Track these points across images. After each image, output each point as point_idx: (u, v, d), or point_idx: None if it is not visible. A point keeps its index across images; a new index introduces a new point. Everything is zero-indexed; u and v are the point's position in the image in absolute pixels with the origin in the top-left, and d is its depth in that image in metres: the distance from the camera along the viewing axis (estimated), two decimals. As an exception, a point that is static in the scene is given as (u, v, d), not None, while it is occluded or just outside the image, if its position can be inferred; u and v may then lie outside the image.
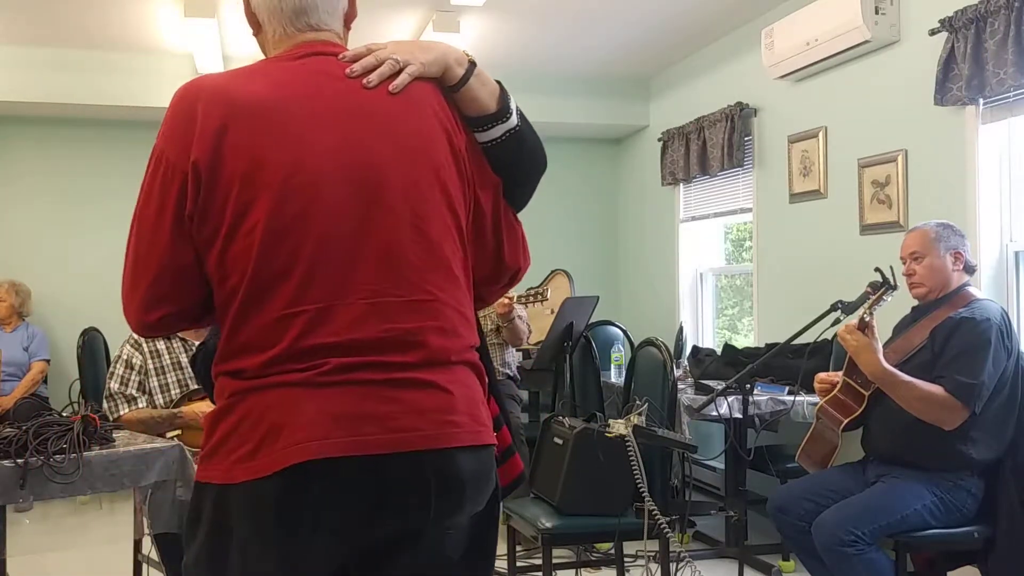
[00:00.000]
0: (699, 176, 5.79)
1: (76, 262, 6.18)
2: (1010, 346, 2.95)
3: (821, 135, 4.70)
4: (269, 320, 1.34)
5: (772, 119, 5.17)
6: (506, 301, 4.48)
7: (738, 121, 5.29)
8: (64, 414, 2.85)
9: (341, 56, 1.47)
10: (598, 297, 4.71)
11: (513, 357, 4.97)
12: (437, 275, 1.41)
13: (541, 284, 6.04)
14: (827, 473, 3.19)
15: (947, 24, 3.68)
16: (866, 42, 4.17)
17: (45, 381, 5.74)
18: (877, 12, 4.10)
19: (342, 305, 1.34)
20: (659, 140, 6.32)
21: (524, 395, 5.43)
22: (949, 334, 2.94)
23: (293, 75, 1.44)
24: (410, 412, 1.34)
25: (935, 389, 2.87)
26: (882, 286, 3.02)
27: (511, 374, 4.88)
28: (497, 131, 1.52)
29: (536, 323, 5.32)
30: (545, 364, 4.86)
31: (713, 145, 5.51)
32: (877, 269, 3.06)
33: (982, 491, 2.96)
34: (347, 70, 1.44)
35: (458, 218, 1.47)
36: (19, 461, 2.54)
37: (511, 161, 1.55)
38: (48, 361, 5.79)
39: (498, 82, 1.56)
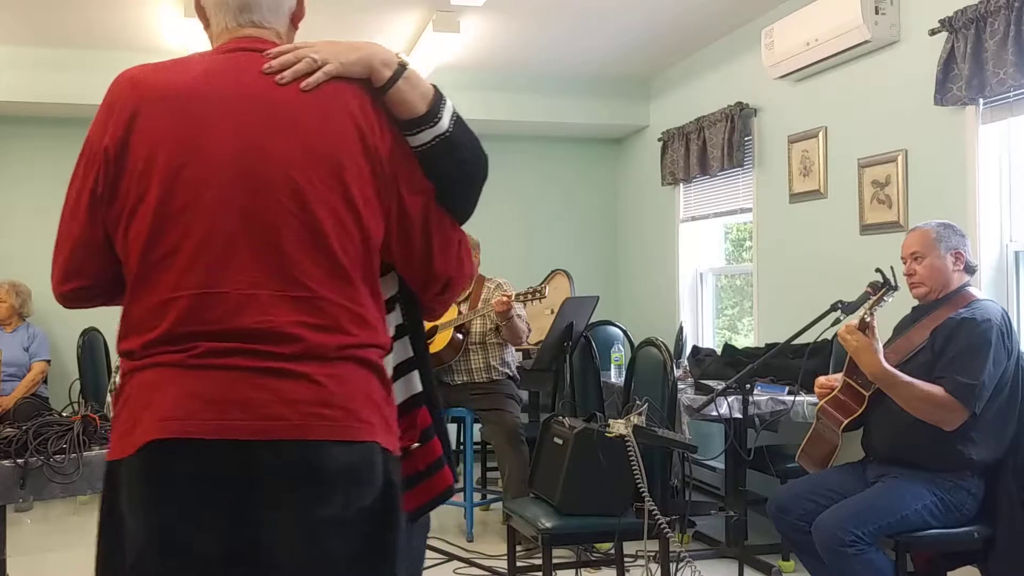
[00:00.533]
0: (699, 176, 5.79)
1: (76, 262, 6.17)
2: (1010, 347, 2.94)
3: (821, 135, 4.70)
4: (153, 303, 1.41)
5: (772, 119, 5.17)
6: (504, 299, 4.48)
7: (738, 121, 5.29)
8: (64, 414, 2.85)
9: (266, 53, 1.50)
10: (598, 297, 4.71)
11: (513, 357, 4.97)
12: (323, 273, 1.42)
13: (541, 284, 6.04)
14: (827, 473, 3.19)
15: (947, 24, 3.68)
16: (866, 42, 4.17)
17: (45, 381, 5.75)
18: (877, 12, 4.10)
19: (219, 294, 1.39)
20: (659, 140, 6.32)
21: (524, 395, 5.43)
22: (950, 334, 2.94)
23: (213, 68, 1.50)
24: (278, 401, 1.36)
25: (935, 389, 2.87)
26: (883, 286, 3.02)
27: (511, 374, 4.88)
28: (426, 135, 1.51)
29: (536, 323, 5.32)
30: (545, 364, 4.86)
31: (713, 145, 5.51)
32: (878, 269, 3.06)
33: (982, 491, 2.96)
34: (264, 66, 1.47)
35: (360, 219, 1.45)
36: (19, 461, 2.54)
37: (442, 168, 1.53)
38: (49, 362, 5.79)
39: (435, 87, 1.55)
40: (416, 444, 1.61)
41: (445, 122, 1.52)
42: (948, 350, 2.92)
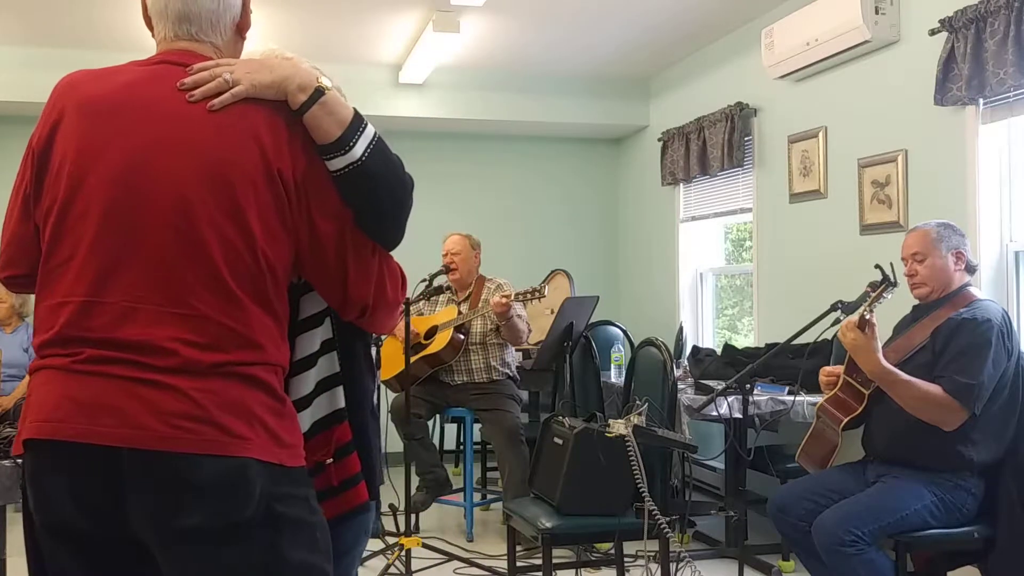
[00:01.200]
0: (699, 176, 5.79)
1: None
2: (1011, 347, 2.94)
3: (821, 135, 4.70)
4: (50, 305, 1.47)
5: (772, 119, 5.17)
6: (503, 301, 4.48)
7: (738, 121, 5.29)
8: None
9: (188, 68, 1.51)
10: (598, 297, 4.71)
11: (513, 357, 4.97)
12: (207, 292, 1.43)
13: (541, 284, 6.04)
14: (827, 473, 3.19)
15: (947, 24, 3.68)
16: (866, 42, 4.17)
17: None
18: (877, 12, 4.10)
19: (104, 303, 1.43)
20: (659, 140, 6.32)
21: (524, 395, 5.43)
22: (950, 334, 2.94)
23: (136, 79, 1.53)
24: (149, 412, 1.38)
25: (934, 389, 2.87)
26: (882, 283, 3.02)
27: (511, 374, 4.88)
28: (338, 162, 1.50)
29: (536, 323, 5.32)
30: (545, 364, 4.86)
31: (713, 145, 5.51)
32: (877, 266, 3.06)
33: (982, 491, 2.96)
34: (178, 83, 1.49)
35: (254, 241, 1.45)
36: (19, 461, 2.54)
37: (357, 196, 1.53)
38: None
39: (356, 113, 1.54)
40: (330, 460, 1.63)
41: (358, 151, 1.51)
42: (948, 350, 2.92)
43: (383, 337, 4.80)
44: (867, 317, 2.95)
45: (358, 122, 1.53)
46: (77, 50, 5.71)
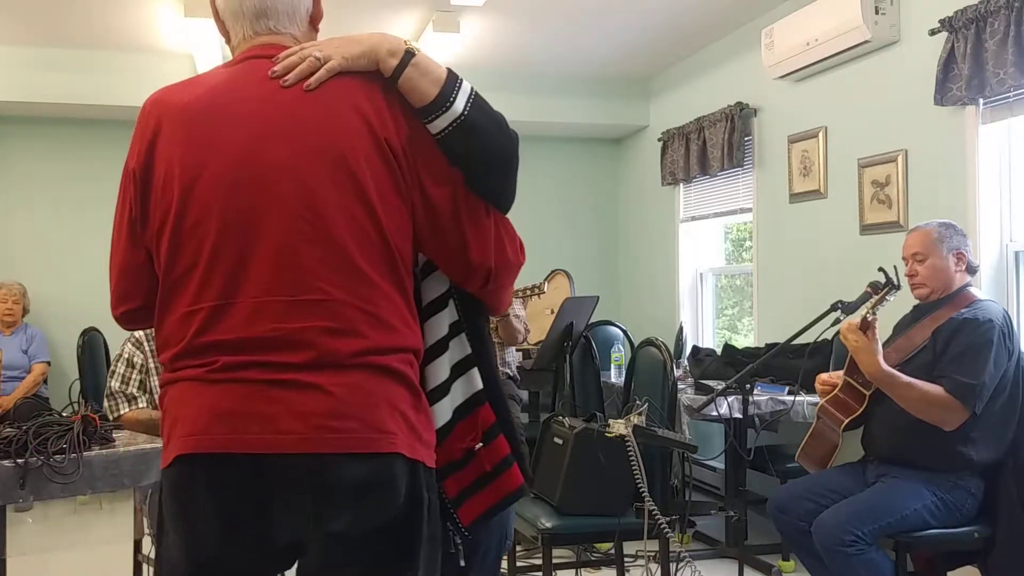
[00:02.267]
0: (699, 176, 5.79)
1: (76, 262, 6.18)
2: (1011, 347, 2.94)
3: (821, 135, 4.70)
4: (176, 317, 1.43)
5: (772, 119, 5.17)
6: None
7: (738, 121, 5.29)
8: (64, 414, 2.85)
9: (275, 58, 1.48)
10: (598, 297, 4.71)
11: (513, 357, 4.96)
12: (336, 274, 1.39)
13: (540, 282, 6.04)
14: (827, 473, 3.19)
15: (947, 24, 3.68)
16: (866, 42, 4.17)
17: (45, 382, 5.75)
18: (877, 12, 4.10)
19: (234, 304, 1.39)
20: (659, 140, 6.32)
21: (524, 395, 5.42)
22: (951, 335, 2.93)
23: (224, 80, 1.50)
24: (290, 414, 1.34)
25: (935, 389, 2.87)
26: (885, 286, 3.01)
27: (511, 374, 4.87)
28: (441, 122, 1.46)
29: (536, 323, 5.31)
30: (545, 364, 4.86)
31: (713, 145, 5.51)
32: (880, 269, 3.06)
33: (982, 491, 2.96)
34: (269, 71, 1.46)
35: (375, 214, 1.41)
36: (19, 461, 2.54)
37: (463, 153, 1.48)
38: (48, 363, 5.79)
39: (449, 71, 1.50)
40: (479, 445, 1.56)
41: (459, 105, 1.47)
42: (949, 350, 2.92)
43: None
44: (869, 319, 2.95)
45: (454, 79, 1.49)
46: (77, 50, 5.72)
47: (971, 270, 3.09)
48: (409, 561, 1.41)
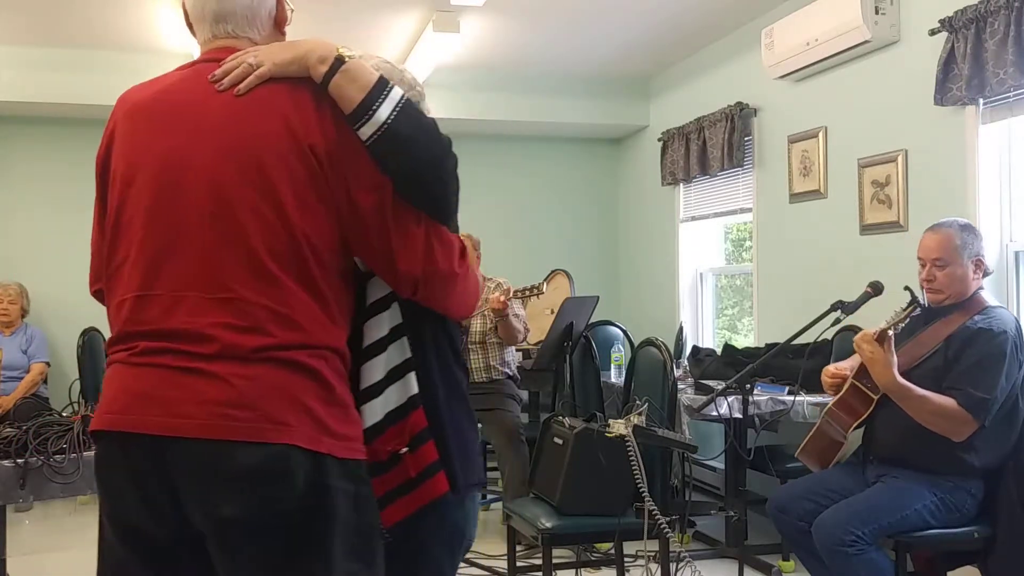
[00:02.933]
0: (699, 176, 5.79)
1: (76, 262, 6.10)
2: (1022, 359, 2.92)
3: (821, 135, 4.70)
4: (114, 304, 1.54)
5: (772, 119, 5.17)
6: (501, 299, 4.47)
7: (738, 121, 5.29)
8: (64, 414, 2.85)
9: (221, 61, 1.53)
10: (598, 297, 4.71)
11: (513, 357, 4.96)
12: (247, 274, 1.44)
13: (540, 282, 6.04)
14: (827, 473, 3.19)
15: (947, 24, 3.68)
16: (866, 42, 4.17)
17: (45, 382, 5.75)
18: (877, 12, 4.10)
19: (153, 296, 1.47)
20: (659, 140, 6.32)
21: (524, 395, 5.43)
22: (964, 343, 2.91)
23: (176, 81, 1.58)
24: (192, 400, 1.40)
25: (948, 403, 2.85)
26: (910, 305, 2.96)
27: (511, 374, 4.87)
28: (367, 129, 1.48)
29: (536, 323, 5.31)
30: (545, 364, 4.86)
31: (713, 145, 5.51)
32: (907, 288, 3.01)
33: (982, 491, 2.96)
34: (209, 75, 1.52)
35: (288, 219, 1.44)
36: (19, 461, 2.54)
37: (390, 162, 1.49)
38: (48, 363, 5.78)
39: (381, 78, 1.51)
40: (405, 449, 1.58)
41: (383, 113, 1.48)
42: (962, 360, 2.89)
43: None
44: (889, 334, 2.91)
45: (382, 85, 1.50)
46: (77, 50, 5.72)
47: (985, 274, 3.06)
48: (317, 552, 1.43)
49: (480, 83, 6.37)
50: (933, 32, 3.77)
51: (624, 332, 5.77)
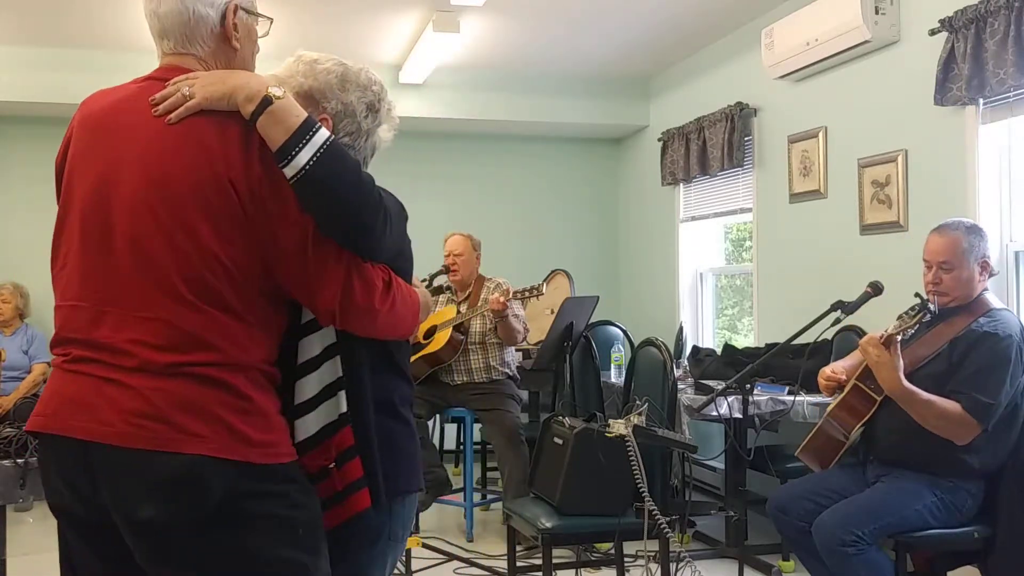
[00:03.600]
0: (699, 176, 5.79)
1: (76, 262, 6.17)
2: None
3: (821, 135, 4.70)
4: (55, 309, 1.62)
5: (772, 119, 5.17)
6: (501, 299, 4.47)
7: (738, 121, 5.29)
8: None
9: (166, 83, 1.57)
10: (598, 297, 4.71)
11: (513, 357, 4.97)
12: (161, 298, 1.49)
13: (540, 283, 6.04)
14: (827, 473, 3.19)
15: (947, 24, 3.68)
16: (866, 42, 4.17)
17: (45, 382, 5.74)
18: (877, 12, 4.10)
19: (83, 307, 1.54)
20: (659, 140, 6.32)
21: (524, 395, 5.43)
22: (969, 348, 2.90)
23: (126, 96, 1.62)
24: (112, 409, 1.47)
25: (952, 407, 2.84)
26: (920, 310, 2.95)
27: (511, 374, 4.88)
28: (289, 171, 1.50)
29: (536, 323, 5.32)
30: (545, 364, 4.86)
31: (713, 145, 5.51)
32: (917, 294, 3.01)
33: (982, 492, 2.96)
34: (149, 98, 1.56)
35: (204, 248, 1.49)
36: (19, 461, 2.55)
37: (309, 203, 1.52)
38: (49, 364, 5.77)
39: (305, 121, 1.52)
40: (332, 465, 1.63)
41: (302, 159, 1.49)
42: (967, 364, 2.89)
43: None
44: (897, 339, 2.90)
45: (305, 129, 1.51)
46: (77, 50, 5.72)
47: (991, 275, 3.05)
48: (235, 552, 1.49)
49: (480, 83, 6.37)
50: (933, 32, 3.77)
51: (624, 332, 5.77)
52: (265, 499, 1.50)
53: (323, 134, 1.53)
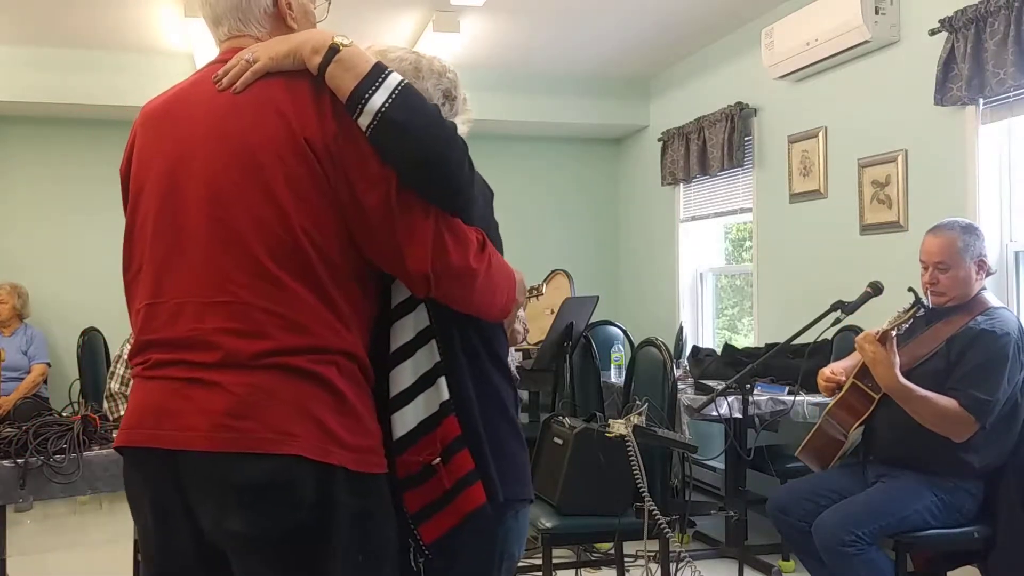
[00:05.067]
0: (699, 176, 5.79)
1: (76, 262, 6.18)
2: (1023, 361, 2.92)
3: (821, 135, 4.70)
4: (132, 314, 1.54)
5: (772, 119, 5.17)
6: None
7: (738, 121, 5.29)
8: (64, 414, 2.85)
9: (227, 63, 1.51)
10: (598, 297, 4.71)
11: (513, 357, 4.96)
12: (246, 276, 1.39)
13: (540, 283, 6.03)
14: (827, 473, 3.19)
15: (947, 24, 3.68)
16: (866, 42, 4.17)
17: (45, 382, 5.74)
18: (877, 12, 4.10)
19: (160, 304, 1.45)
20: (659, 140, 6.32)
21: (524, 395, 5.42)
22: (967, 345, 2.90)
23: (187, 86, 1.57)
24: (196, 411, 1.37)
25: (950, 404, 2.84)
26: (914, 306, 2.96)
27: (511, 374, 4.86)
28: (364, 119, 1.40)
29: (536, 323, 5.30)
30: (545, 364, 4.85)
31: (713, 145, 5.51)
32: (911, 289, 3.01)
33: (982, 492, 2.96)
34: (212, 77, 1.50)
35: (286, 215, 1.39)
36: (19, 461, 2.54)
37: (390, 151, 1.41)
38: (49, 364, 5.78)
39: (376, 64, 1.44)
40: (438, 460, 1.48)
41: (377, 101, 1.40)
42: (964, 362, 2.89)
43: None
44: (893, 335, 2.90)
45: (377, 73, 1.42)
46: (77, 50, 5.71)
47: (988, 274, 3.06)
48: (317, 572, 1.38)
49: (480, 83, 6.36)
50: (933, 32, 3.77)
51: (624, 332, 5.76)
52: (342, 514, 1.37)
53: (396, 77, 1.43)
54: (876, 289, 3.16)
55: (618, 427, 2.99)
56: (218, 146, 1.44)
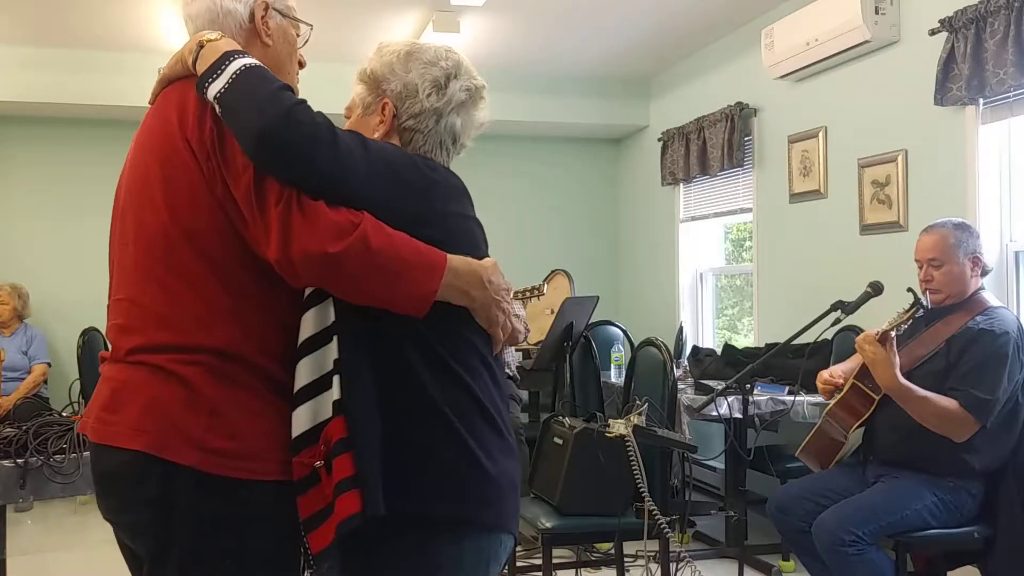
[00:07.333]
0: (699, 176, 5.79)
1: (76, 262, 6.17)
2: (1023, 360, 2.92)
3: (821, 135, 4.70)
4: None
5: (772, 119, 5.17)
6: None
7: (738, 121, 5.29)
8: (64, 414, 2.85)
9: None
10: (598, 297, 4.71)
11: (513, 357, 4.96)
12: (134, 275, 1.50)
13: (540, 283, 6.03)
14: (827, 473, 3.19)
15: (947, 24, 3.68)
16: (866, 42, 4.17)
17: (45, 383, 5.74)
18: (877, 12, 4.10)
19: (111, 301, 1.58)
20: (659, 140, 6.32)
21: (524, 395, 5.42)
22: (966, 345, 2.91)
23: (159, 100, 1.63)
24: (93, 404, 1.51)
25: (950, 404, 2.85)
26: (913, 306, 2.97)
27: (511, 374, 4.87)
28: (217, 108, 1.41)
29: (536, 323, 5.31)
30: (545, 364, 4.86)
31: (713, 145, 5.51)
32: (910, 289, 3.01)
33: (982, 492, 2.96)
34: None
35: (164, 216, 1.44)
36: (19, 461, 2.54)
37: (235, 136, 1.39)
38: (49, 364, 5.78)
39: (224, 54, 1.42)
40: (319, 463, 1.39)
41: (216, 87, 1.39)
42: (964, 361, 2.89)
43: None
44: (892, 335, 2.91)
45: (222, 60, 1.41)
46: (77, 50, 5.71)
47: (984, 272, 3.06)
48: (158, 567, 1.42)
49: (480, 83, 6.36)
50: (933, 32, 3.77)
51: (624, 332, 5.76)
52: (182, 515, 1.37)
53: (241, 63, 1.40)
54: (876, 289, 3.16)
55: (618, 427, 2.99)
56: (132, 155, 1.56)
